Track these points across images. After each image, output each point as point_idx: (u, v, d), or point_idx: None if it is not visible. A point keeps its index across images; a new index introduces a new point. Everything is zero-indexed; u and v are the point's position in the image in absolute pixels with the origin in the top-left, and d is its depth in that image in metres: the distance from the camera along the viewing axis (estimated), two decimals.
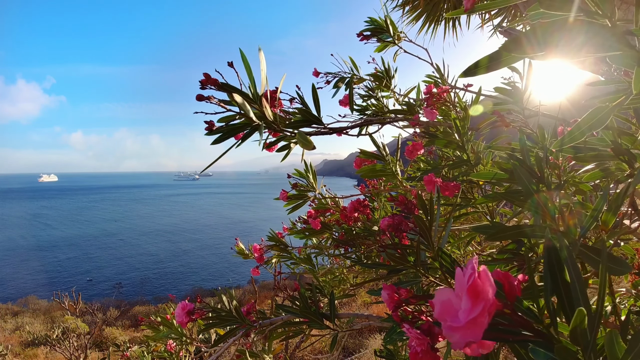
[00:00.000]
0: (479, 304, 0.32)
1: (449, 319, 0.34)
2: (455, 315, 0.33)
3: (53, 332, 6.84)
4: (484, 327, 0.32)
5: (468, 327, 0.32)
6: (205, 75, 0.67)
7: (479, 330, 0.32)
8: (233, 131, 0.72)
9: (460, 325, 0.32)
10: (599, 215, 0.48)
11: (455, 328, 0.32)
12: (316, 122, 0.87)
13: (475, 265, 0.34)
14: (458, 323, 0.32)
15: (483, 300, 0.32)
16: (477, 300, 0.32)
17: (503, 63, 0.51)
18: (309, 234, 1.73)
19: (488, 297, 0.32)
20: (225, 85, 0.67)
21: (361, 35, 1.79)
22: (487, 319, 0.32)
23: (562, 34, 0.41)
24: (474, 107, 1.21)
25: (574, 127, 0.54)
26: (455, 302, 0.34)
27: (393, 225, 0.71)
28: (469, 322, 0.32)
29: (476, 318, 0.32)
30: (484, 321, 0.32)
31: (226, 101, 0.70)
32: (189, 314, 1.18)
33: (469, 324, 0.32)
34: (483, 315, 0.32)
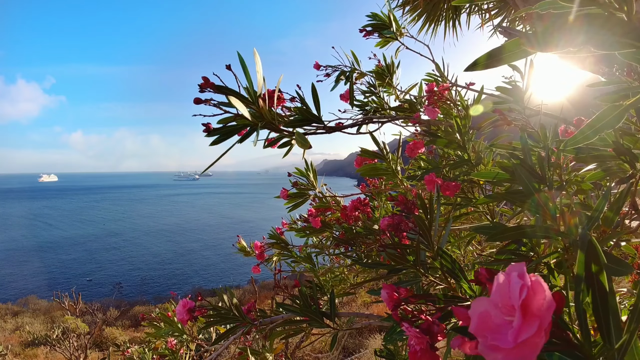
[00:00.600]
0: (534, 322, 0.27)
1: (490, 335, 0.29)
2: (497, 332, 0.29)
3: (53, 332, 6.85)
4: (538, 350, 0.27)
5: (519, 349, 0.27)
6: (204, 78, 0.67)
7: (531, 353, 0.27)
8: (231, 132, 0.72)
9: (509, 346, 0.27)
10: (600, 216, 0.48)
11: (501, 349, 0.28)
12: (316, 120, 0.87)
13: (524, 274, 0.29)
14: (506, 344, 0.27)
15: (538, 318, 0.27)
16: (532, 317, 0.27)
17: (504, 59, 0.51)
18: (309, 233, 1.73)
19: (545, 314, 0.27)
20: (222, 88, 0.68)
21: (364, 31, 1.79)
22: (544, 340, 0.27)
23: (565, 32, 0.41)
24: (474, 106, 1.20)
25: (585, 127, 0.52)
26: (495, 314, 0.29)
27: (393, 224, 0.71)
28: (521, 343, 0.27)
29: (530, 339, 0.27)
30: (540, 342, 0.27)
31: (225, 103, 0.71)
32: (190, 312, 1.18)
33: (520, 346, 0.27)
34: (539, 335, 0.27)
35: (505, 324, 0.28)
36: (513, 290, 0.29)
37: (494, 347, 0.28)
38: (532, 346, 0.27)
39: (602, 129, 0.54)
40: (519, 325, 0.27)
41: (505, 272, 0.30)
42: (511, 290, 0.29)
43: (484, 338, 0.29)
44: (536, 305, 0.28)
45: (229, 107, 0.70)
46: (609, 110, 0.53)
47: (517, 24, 3.52)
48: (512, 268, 0.30)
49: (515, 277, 0.29)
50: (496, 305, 0.30)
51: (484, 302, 0.31)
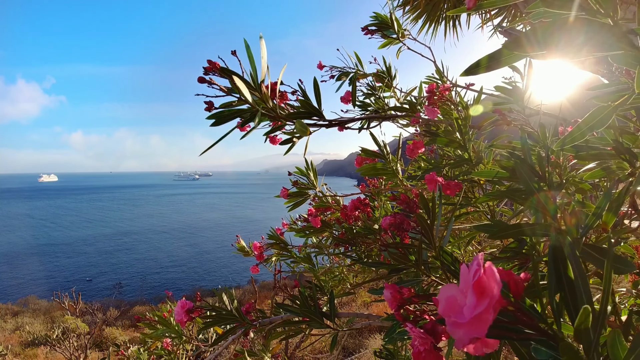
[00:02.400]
0: (484, 300, 0.32)
1: (453, 315, 0.33)
2: (460, 312, 0.33)
3: (53, 332, 6.84)
4: (488, 324, 0.31)
5: (473, 323, 0.32)
6: (209, 62, 0.67)
7: (483, 327, 0.31)
8: (232, 114, 0.72)
9: (465, 321, 0.32)
10: (601, 214, 0.48)
11: (460, 324, 0.32)
12: (317, 114, 0.87)
13: (481, 262, 0.34)
14: (462, 319, 0.32)
15: (488, 297, 0.32)
16: (483, 296, 0.32)
17: (503, 62, 0.51)
18: (309, 233, 1.73)
19: (493, 293, 0.32)
20: (225, 70, 0.68)
21: (366, 30, 1.79)
22: (492, 315, 0.32)
23: (562, 34, 0.41)
24: (474, 106, 1.20)
25: (575, 128, 0.54)
26: (460, 298, 0.34)
27: (395, 224, 0.71)
28: (474, 318, 0.31)
29: (481, 314, 0.31)
30: (489, 317, 0.31)
31: (228, 87, 0.71)
32: (188, 313, 1.18)
33: (474, 320, 0.31)
34: (488, 311, 0.31)
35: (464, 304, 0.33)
36: (470, 274, 0.34)
37: (455, 323, 0.33)
38: (484, 321, 0.32)
39: (597, 126, 0.55)
40: (472, 303, 0.32)
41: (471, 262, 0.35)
42: (470, 275, 0.34)
43: (449, 318, 0.34)
44: (487, 286, 0.32)
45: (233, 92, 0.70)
46: (602, 108, 0.54)
47: (517, 24, 3.52)
48: (475, 257, 0.34)
49: (474, 263, 0.34)
50: (461, 290, 0.35)
51: (450, 288, 0.35)
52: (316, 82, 0.87)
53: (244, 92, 0.67)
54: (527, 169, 0.60)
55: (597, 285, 0.79)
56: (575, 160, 0.85)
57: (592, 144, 0.75)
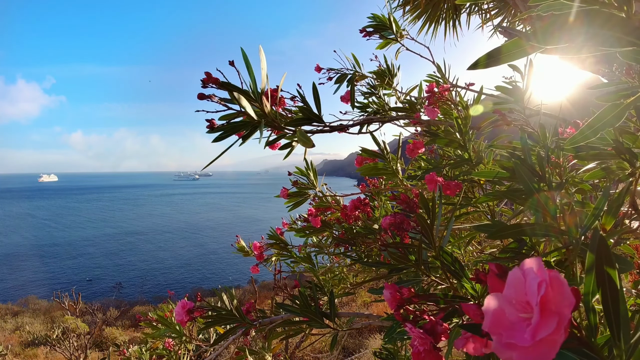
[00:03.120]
0: (552, 319, 0.26)
1: (505, 333, 0.28)
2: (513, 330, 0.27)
3: (53, 332, 6.84)
4: (557, 347, 0.26)
5: (537, 347, 0.26)
6: (206, 74, 0.67)
7: (550, 351, 0.26)
8: (234, 129, 0.72)
9: (528, 344, 0.26)
10: (600, 214, 0.48)
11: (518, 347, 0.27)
12: (317, 120, 0.87)
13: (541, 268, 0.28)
14: (523, 342, 0.26)
15: (557, 315, 0.26)
16: (550, 314, 0.26)
17: (503, 59, 0.51)
18: (309, 232, 1.73)
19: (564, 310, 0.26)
20: (226, 84, 0.67)
21: (364, 31, 1.79)
22: (563, 337, 0.26)
23: (565, 31, 0.41)
24: (474, 106, 1.20)
25: (585, 126, 0.52)
26: (509, 311, 0.28)
27: (395, 223, 0.71)
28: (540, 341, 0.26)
29: (548, 337, 0.26)
30: (559, 340, 0.26)
31: (227, 99, 0.70)
32: (188, 313, 1.18)
33: (539, 344, 0.26)
34: (558, 333, 0.26)
35: (521, 321, 0.27)
36: (530, 286, 0.27)
37: (509, 345, 0.27)
38: (551, 344, 0.26)
39: (602, 129, 0.55)
40: (537, 322, 0.26)
41: (519, 267, 0.29)
42: (528, 285, 0.28)
43: (498, 336, 0.28)
44: (554, 301, 0.27)
45: (232, 103, 0.69)
46: (608, 110, 0.53)
47: (517, 24, 3.52)
48: (528, 263, 0.29)
49: (532, 272, 0.28)
50: (510, 301, 0.29)
51: (498, 298, 0.30)
52: (315, 88, 0.86)
53: (248, 110, 0.67)
54: (527, 169, 0.60)
55: None
56: (575, 161, 0.85)
57: (592, 144, 0.75)
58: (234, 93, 0.66)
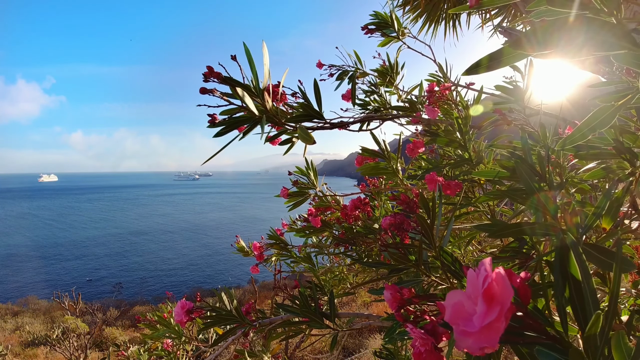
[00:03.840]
0: (495, 308, 0.30)
1: (461, 323, 0.32)
2: (468, 320, 0.32)
3: (53, 332, 6.84)
4: (500, 332, 0.30)
5: (483, 332, 0.30)
6: (208, 68, 0.66)
7: (494, 336, 0.30)
8: (235, 124, 0.71)
9: (475, 330, 0.31)
10: (601, 214, 0.48)
11: (469, 333, 0.31)
12: (317, 116, 0.86)
13: (489, 267, 0.32)
14: (472, 328, 0.31)
15: (499, 305, 0.31)
16: (493, 304, 0.31)
17: (504, 62, 0.51)
18: (309, 232, 1.73)
19: (504, 301, 0.31)
20: (228, 79, 0.67)
21: (366, 29, 1.79)
22: (504, 324, 0.30)
23: (563, 33, 0.41)
24: (474, 106, 1.20)
25: (576, 129, 0.54)
26: (468, 305, 0.33)
27: (395, 224, 0.71)
28: (485, 327, 0.30)
29: (492, 323, 0.30)
30: (501, 326, 0.30)
31: (229, 94, 0.70)
32: (187, 313, 1.18)
33: (484, 329, 0.30)
34: (499, 320, 0.30)
35: (474, 312, 0.32)
36: (479, 281, 0.32)
37: (464, 332, 0.32)
38: (495, 329, 0.30)
39: (591, 132, 0.55)
40: (483, 311, 0.31)
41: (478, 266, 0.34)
42: (478, 281, 0.32)
43: (456, 326, 0.32)
44: (497, 293, 0.31)
45: (234, 98, 0.69)
46: (604, 108, 0.54)
47: (517, 24, 3.52)
48: (482, 263, 0.33)
49: (483, 269, 0.32)
50: (469, 296, 0.33)
51: (457, 294, 0.34)
52: (316, 84, 0.86)
53: (250, 106, 0.66)
54: (527, 168, 0.60)
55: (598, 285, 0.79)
56: (575, 160, 0.84)
57: (592, 144, 0.75)
58: (237, 88, 0.65)
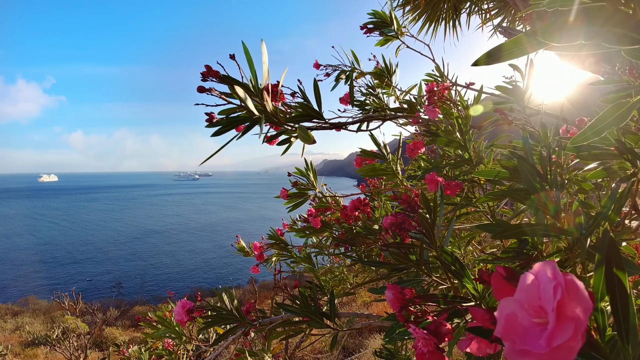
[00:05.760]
0: (569, 325, 0.25)
1: (519, 339, 0.27)
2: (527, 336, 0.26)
3: (53, 332, 6.84)
4: (574, 355, 0.25)
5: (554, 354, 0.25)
6: (206, 67, 0.66)
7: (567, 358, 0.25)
8: (234, 123, 0.71)
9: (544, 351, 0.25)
10: (607, 214, 0.48)
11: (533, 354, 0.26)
12: (317, 116, 0.86)
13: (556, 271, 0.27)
14: (539, 348, 0.25)
15: (574, 320, 0.25)
16: (566, 319, 0.25)
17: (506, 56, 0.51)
18: (309, 233, 1.73)
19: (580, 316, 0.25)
20: (226, 78, 0.66)
21: (365, 28, 1.78)
22: (580, 343, 0.25)
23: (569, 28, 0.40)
24: (474, 106, 1.20)
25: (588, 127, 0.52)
26: (522, 316, 0.27)
27: (396, 223, 0.71)
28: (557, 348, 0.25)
29: (565, 343, 0.25)
30: (576, 346, 0.25)
31: (227, 93, 0.69)
32: (188, 313, 1.18)
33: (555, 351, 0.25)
34: (575, 339, 0.25)
35: (535, 327, 0.26)
36: (544, 290, 0.26)
37: (523, 351, 0.26)
38: (568, 350, 0.25)
39: (604, 130, 0.54)
40: (553, 328, 0.25)
41: (532, 270, 0.28)
42: (542, 290, 0.26)
43: (512, 342, 0.27)
44: (571, 306, 0.26)
45: (232, 97, 0.69)
46: (612, 110, 0.53)
47: (517, 24, 3.52)
48: (542, 265, 0.27)
49: (546, 275, 0.27)
50: (522, 306, 0.28)
51: (510, 303, 0.28)
52: (316, 84, 0.86)
53: (249, 105, 0.66)
54: (529, 168, 0.60)
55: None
56: (577, 160, 0.84)
57: (594, 144, 0.75)
58: (236, 87, 0.65)
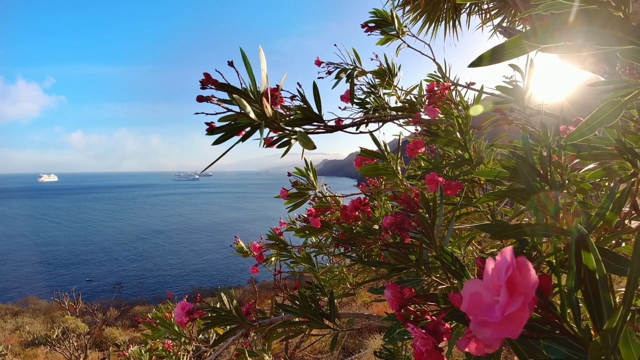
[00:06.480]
0: (518, 298, 0.29)
1: (480, 313, 0.31)
2: (488, 309, 0.31)
3: (53, 332, 6.84)
4: (523, 323, 0.29)
5: (505, 322, 0.29)
6: (205, 75, 0.66)
7: (517, 326, 0.29)
8: (234, 131, 0.71)
9: (496, 320, 0.29)
10: (605, 214, 0.48)
11: (490, 323, 0.30)
12: (317, 120, 0.86)
13: (511, 256, 0.31)
14: (493, 318, 0.30)
15: (523, 294, 0.29)
16: (516, 293, 0.30)
17: (507, 56, 0.51)
18: (309, 233, 1.73)
19: (528, 290, 0.29)
20: (225, 86, 0.67)
21: (366, 26, 1.78)
22: (528, 313, 0.29)
23: (569, 28, 0.40)
24: (474, 106, 1.20)
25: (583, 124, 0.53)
26: (486, 295, 0.32)
27: (396, 223, 0.71)
28: (507, 317, 0.29)
29: (515, 313, 0.29)
30: (525, 316, 0.29)
31: (227, 100, 0.70)
32: (188, 314, 1.18)
33: (507, 319, 0.29)
34: (523, 309, 0.29)
35: (495, 303, 0.31)
36: (501, 270, 0.31)
37: (483, 322, 0.30)
38: (518, 320, 0.29)
39: (598, 126, 0.55)
40: (505, 300, 0.29)
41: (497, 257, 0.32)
42: (499, 270, 0.31)
43: (474, 316, 0.31)
44: (521, 282, 0.30)
45: (232, 104, 0.69)
46: (605, 107, 0.54)
47: (517, 24, 3.52)
48: (502, 252, 0.32)
49: (504, 259, 0.31)
50: (487, 286, 0.32)
51: (475, 283, 0.33)
52: (316, 87, 0.86)
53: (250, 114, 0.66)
54: (528, 168, 0.60)
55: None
56: (577, 160, 0.84)
57: (594, 144, 0.75)
58: (235, 96, 0.65)
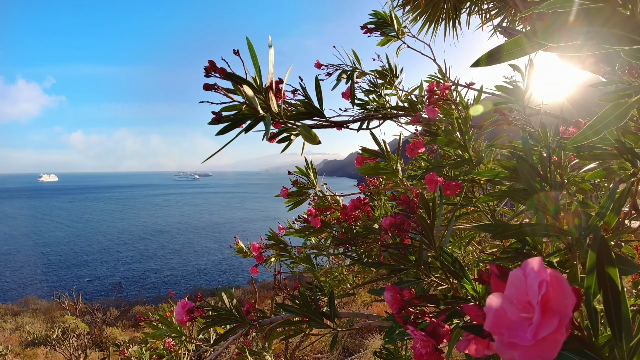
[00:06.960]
0: (554, 318, 0.26)
1: (507, 333, 0.28)
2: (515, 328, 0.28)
3: (53, 332, 6.83)
4: (559, 346, 0.26)
5: (539, 346, 0.26)
6: (210, 62, 0.64)
7: (552, 350, 0.26)
8: (239, 122, 0.70)
9: (529, 343, 0.26)
10: (605, 214, 0.48)
11: (519, 346, 0.27)
12: (318, 114, 0.86)
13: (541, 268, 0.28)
14: (525, 341, 0.26)
15: (558, 314, 0.26)
16: (551, 313, 0.26)
17: (506, 57, 0.51)
18: (308, 233, 1.73)
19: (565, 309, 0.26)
20: (232, 75, 0.66)
21: (365, 28, 1.78)
22: (564, 336, 0.26)
23: (569, 28, 0.40)
24: (474, 106, 1.20)
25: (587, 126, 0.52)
26: (510, 311, 0.28)
27: (395, 224, 0.70)
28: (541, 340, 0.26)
29: (550, 335, 0.26)
30: (560, 339, 0.26)
31: (231, 90, 0.69)
32: (188, 313, 1.18)
33: (541, 343, 0.26)
34: (559, 332, 0.26)
35: (522, 321, 0.27)
36: (531, 286, 0.27)
37: (511, 344, 0.27)
38: (552, 343, 0.26)
39: (604, 129, 0.54)
40: (539, 322, 0.26)
41: (521, 267, 0.29)
42: (528, 285, 0.28)
43: (500, 335, 0.28)
44: (555, 300, 0.27)
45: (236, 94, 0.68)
46: (611, 110, 0.53)
47: (517, 24, 3.52)
48: (529, 263, 0.29)
49: (533, 271, 0.28)
50: (511, 301, 0.29)
51: (499, 298, 0.30)
52: (318, 82, 0.86)
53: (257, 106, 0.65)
54: (528, 168, 0.60)
55: None
56: (576, 160, 0.84)
57: (594, 144, 0.75)
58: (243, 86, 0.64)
